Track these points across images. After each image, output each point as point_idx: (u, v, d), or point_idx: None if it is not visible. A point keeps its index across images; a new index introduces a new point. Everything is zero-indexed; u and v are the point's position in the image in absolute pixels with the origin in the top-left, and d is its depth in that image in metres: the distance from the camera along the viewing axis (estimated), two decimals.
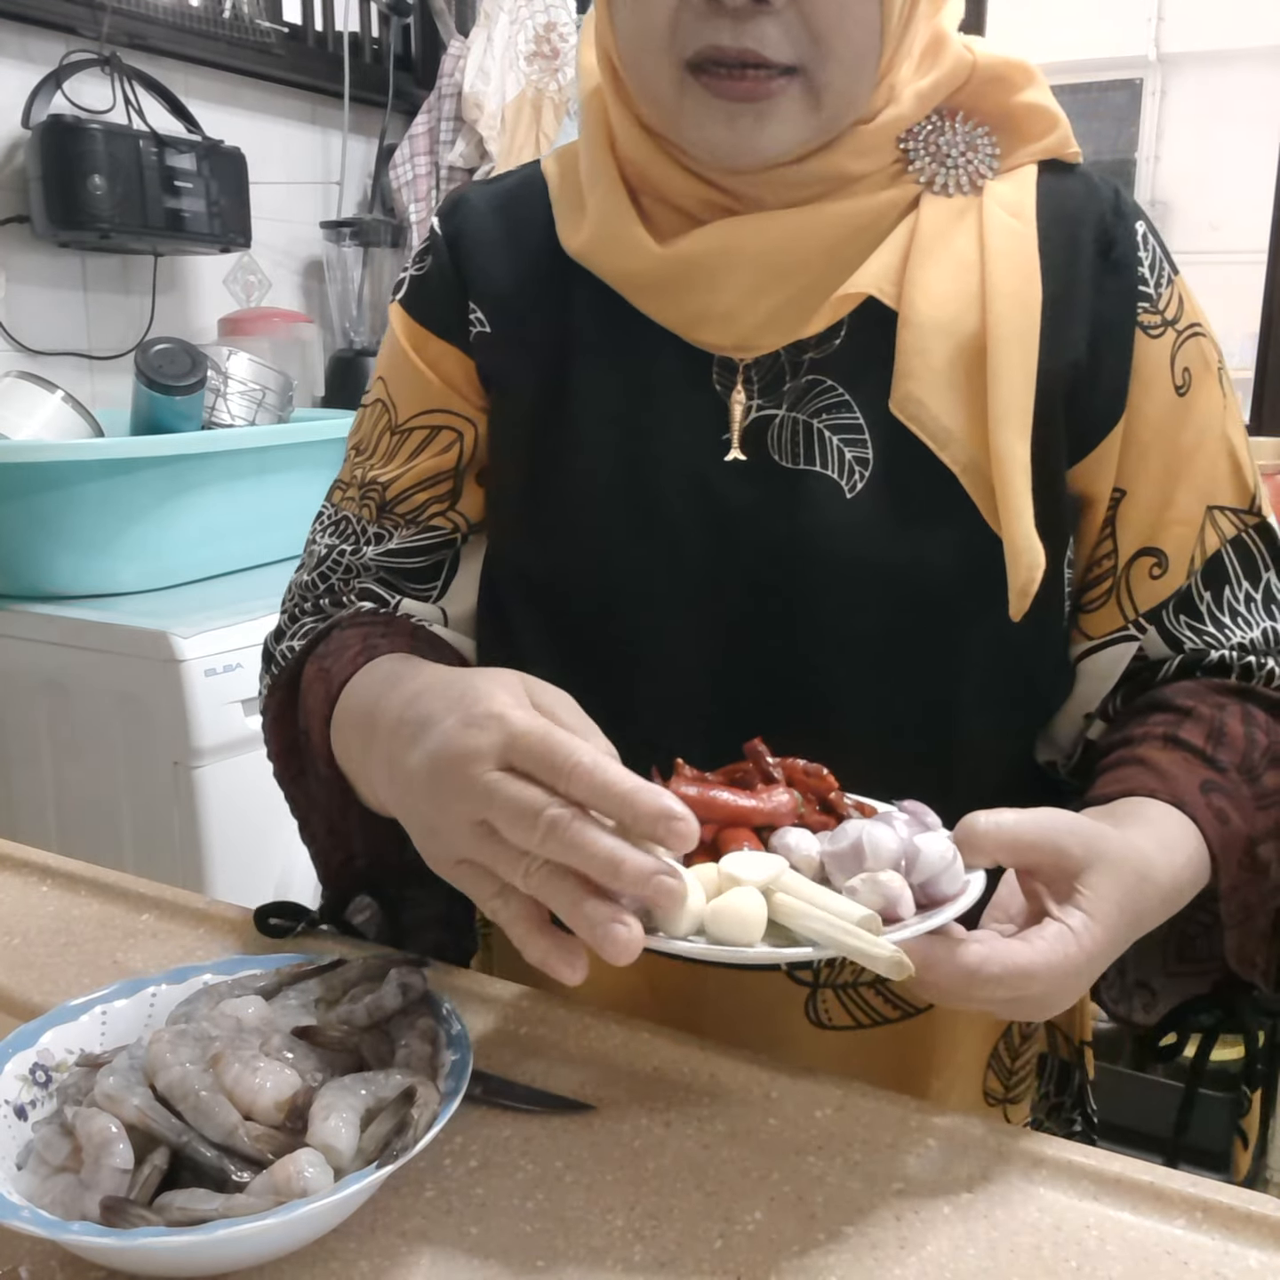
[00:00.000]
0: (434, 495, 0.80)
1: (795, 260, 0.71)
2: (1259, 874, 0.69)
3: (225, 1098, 0.52)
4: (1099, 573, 0.75)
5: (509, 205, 0.80)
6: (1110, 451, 0.72)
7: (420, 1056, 0.56)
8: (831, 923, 0.50)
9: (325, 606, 0.82)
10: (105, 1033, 0.59)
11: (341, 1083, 0.53)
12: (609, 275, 0.74)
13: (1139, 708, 0.75)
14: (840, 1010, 0.76)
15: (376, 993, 0.59)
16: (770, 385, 0.72)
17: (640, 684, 0.73)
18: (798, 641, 0.71)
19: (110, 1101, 0.52)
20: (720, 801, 0.54)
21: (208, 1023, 0.57)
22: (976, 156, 0.73)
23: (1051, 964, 0.53)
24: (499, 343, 0.78)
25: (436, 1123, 0.50)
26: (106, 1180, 0.49)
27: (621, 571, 0.73)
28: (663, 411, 0.73)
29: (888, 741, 0.72)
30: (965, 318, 0.69)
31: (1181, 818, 0.64)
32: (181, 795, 1.55)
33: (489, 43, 2.46)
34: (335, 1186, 0.48)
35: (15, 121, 1.93)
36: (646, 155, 0.72)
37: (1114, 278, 0.72)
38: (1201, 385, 0.73)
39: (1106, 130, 6.31)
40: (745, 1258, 0.51)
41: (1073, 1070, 0.86)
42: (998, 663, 0.72)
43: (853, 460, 0.70)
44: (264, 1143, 0.51)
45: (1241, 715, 0.71)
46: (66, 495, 1.59)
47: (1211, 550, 0.74)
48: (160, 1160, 0.50)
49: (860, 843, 0.52)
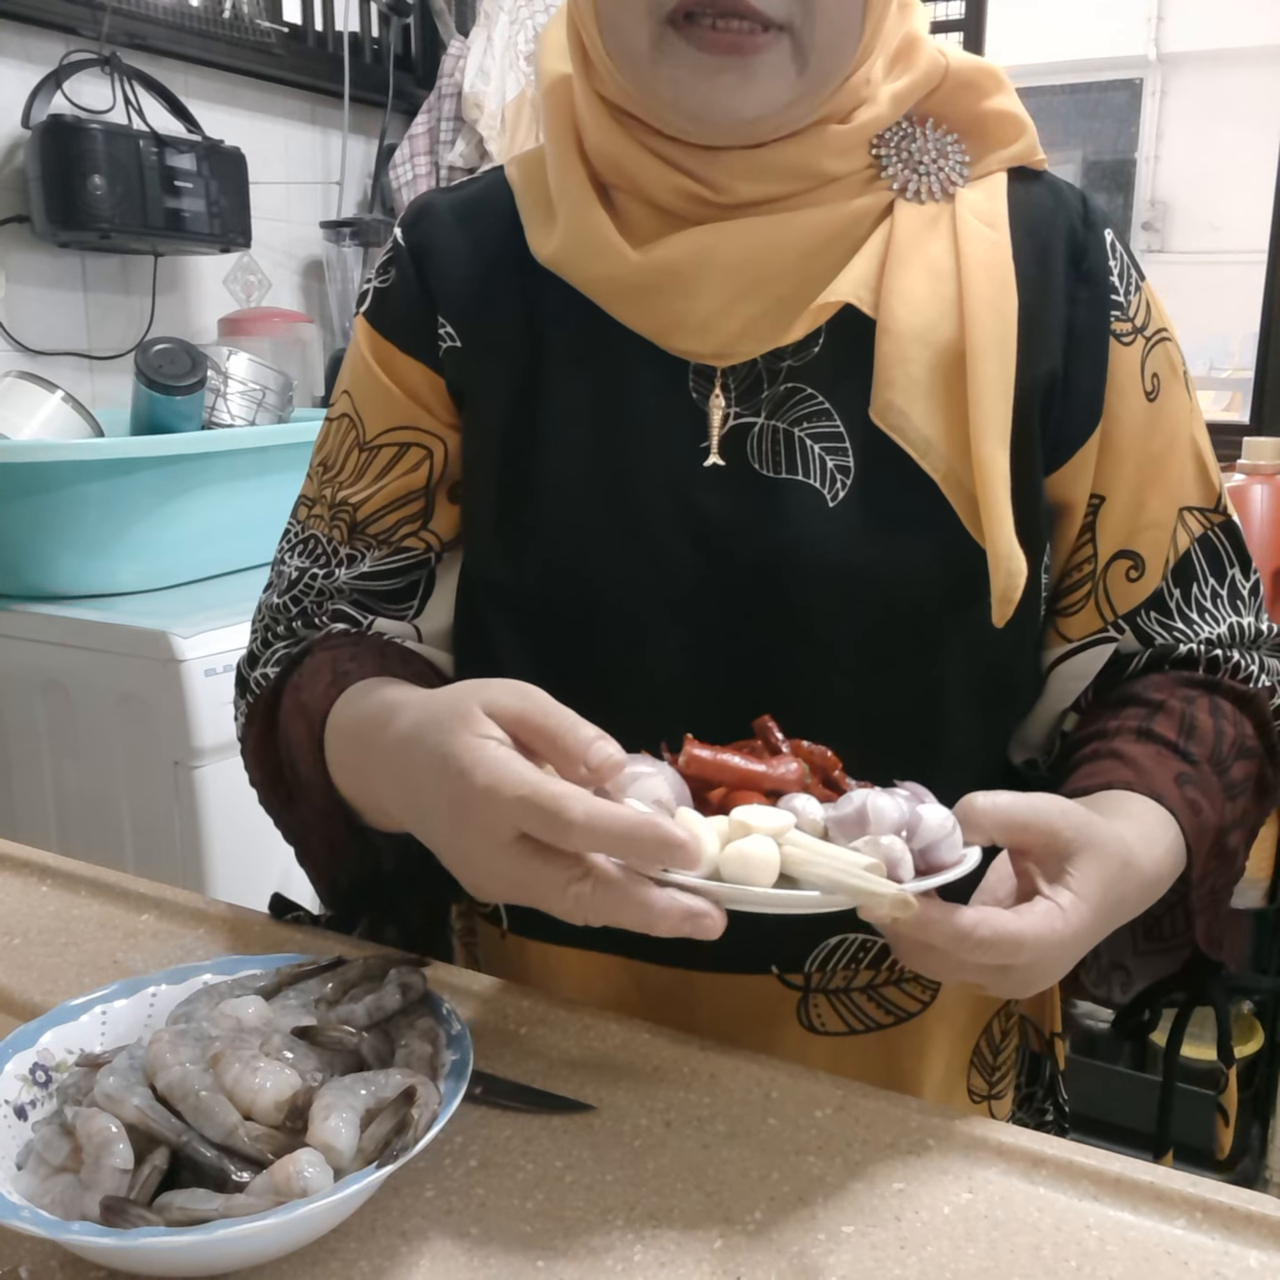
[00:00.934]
0: (405, 515, 0.79)
1: (772, 268, 0.70)
2: (1226, 861, 0.71)
3: (225, 1098, 0.52)
4: (1078, 577, 0.76)
5: (474, 213, 0.78)
6: (1088, 459, 0.73)
7: (420, 1056, 0.56)
8: (838, 867, 0.51)
9: (298, 629, 0.81)
10: (105, 1033, 0.59)
11: (341, 1083, 0.53)
12: (582, 283, 0.73)
13: (1111, 701, 0.76)
14: (833, 1015, 0.76)
15: (376, 993, 0.60)
16: (747, 393, 0.71)
17: (621, 693, 0.73)
18: (780, 649, 0.71)
19: (110, 1101, 0.52)
20: (732, 765, 0.56)
21: (208, 1023, 0.57)
22: (947, 164, 0.73)
23: (1040, 935, 0.55)
24: (470, 356, 0.76)
25: (436, 1123, 0.50)
26: (106, 1180, 0.49)
27: (601, 582, 0.73)
28: (639, 420, 0.72)
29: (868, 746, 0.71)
30: (941, 325, 0.69)
31: (1159, 810, 0.66)
32: (181, 795, 1.55)
33: (489, 43, 2.46)
34: (335, 1186, 0.48)
35: (15, 121, 1.93)
36: (616, 144, 0.71)
37: (1086, 287, 0.73)
38: (1170, 390, 0.74)
39: (1106, 130, 6.30)
40: (745, 1258, 0.51)
41: (1044, 1061, 0.87)
42: (977, 667, 0.73)
43: (834, 469, 0.70)
44: (264, 1143, 0.51)
45: (1209, 708, 0.73)
46: (67, 495, 1.59)
47: (1182, 550, 0.76)
48: (160, 1160, 0.50)
49: (864, 809, 0.54)
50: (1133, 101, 6.24)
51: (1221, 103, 5.85)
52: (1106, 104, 6.28)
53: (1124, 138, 6.29)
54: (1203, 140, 5.99)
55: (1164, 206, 6.21)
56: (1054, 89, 6.09)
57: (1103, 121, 6.31)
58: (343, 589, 0.80)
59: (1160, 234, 6.15)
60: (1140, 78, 6.20)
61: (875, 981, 0.75)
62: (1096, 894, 0.57)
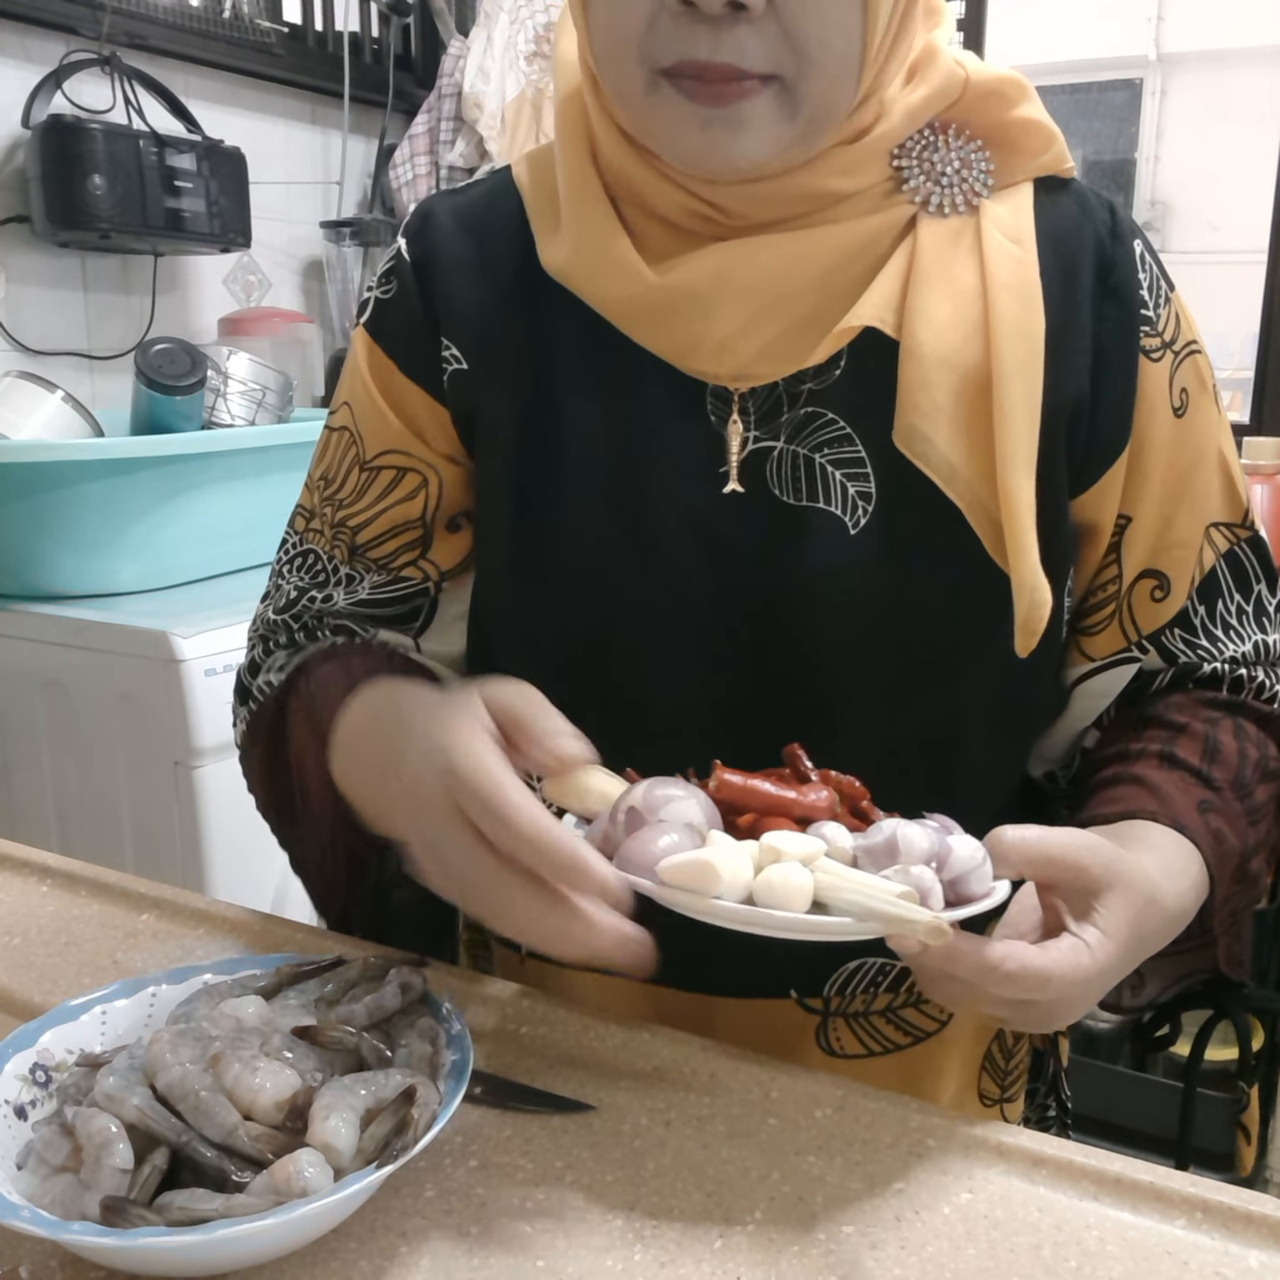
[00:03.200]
0: (405, 543, 0.78)
1: (790, 287, 0.68)
2: (1248, 884, 0.71)
3: (225, 1098, 0.52)
4: (1102, 597, 0.75)
5: (479, 220, 0.76)
6: (1115, 480, 0.72)
7: (420, 1056, 0.56)
8: (871, 894, 0.51)
9: (300, 640, 0.80)
10: (105, 1032, 0.59)
11: (341, 1083, 0.53)
12: (594, 300, 0.70)
13: (1133, 720, 0.75)
14: (852, 1039, 0.75)
15: (377, 993, 0.59)
16: (767, 416, 0.70)
17: (640, 722, 0.71)
18: (800, 676, 0.70)
19: (110, 1101, 0.52)
20: (762, 791, 0.56)
21: (207, 1023, 0.57)
22: (971, 174, 0.70)
23: (1065, 971, 0.54)
24: (477, 379, 0.74)
25: (436, 1123, 0.50)
26: (106, 1180, 0.49)
27: (619, 611, 0.71)
28: (655, 444, 0.70)
29: (889, 770, 0.71)
30: (966, 349, 0.67)
31: (1182, 841, 0.65)
32: (181, 795, 1.55)
33: (489, 43, 2.46)
34: (335, 1187, 0.48)
35: (15, 121, 1.92)
36: (628, 162, 0.69)
37: (1114, 304, 0.71)
38: (1198, 405, 0.73)
39: (1106, 130, 6.29)
40: (745, 1258, 0.51)
41: (1046, 1058, 0.86)
42: (998, 692, 0.72)
43: (856, 495, 0.69)
44: (264, 1142, 0.51)
45: (1233, 729, 0.72)
46: (67, 495, 1.59)
47: (1208, 566, 0.75)
48: (160, 1160, 0.50)
49: (894, 838, 0.53)
50: (1133, 101, 6.24)
51: (1221, 103, 5.85)
52: (1106, 104, 6.28)
53: (1124, 138, 6.29)
54: (1203, 140, 5.99)
55: (1164, 206, 6.21)
56: (1054, 89, 6.08)
57: (1103, 121, 6.31)
58: (341, 613, 0.79)
59: (1160, 234, 6.14)
60: (1140, 78, 6.20)
61: (894, 1004, 0.75)
62: (1123, 931, 0.57)
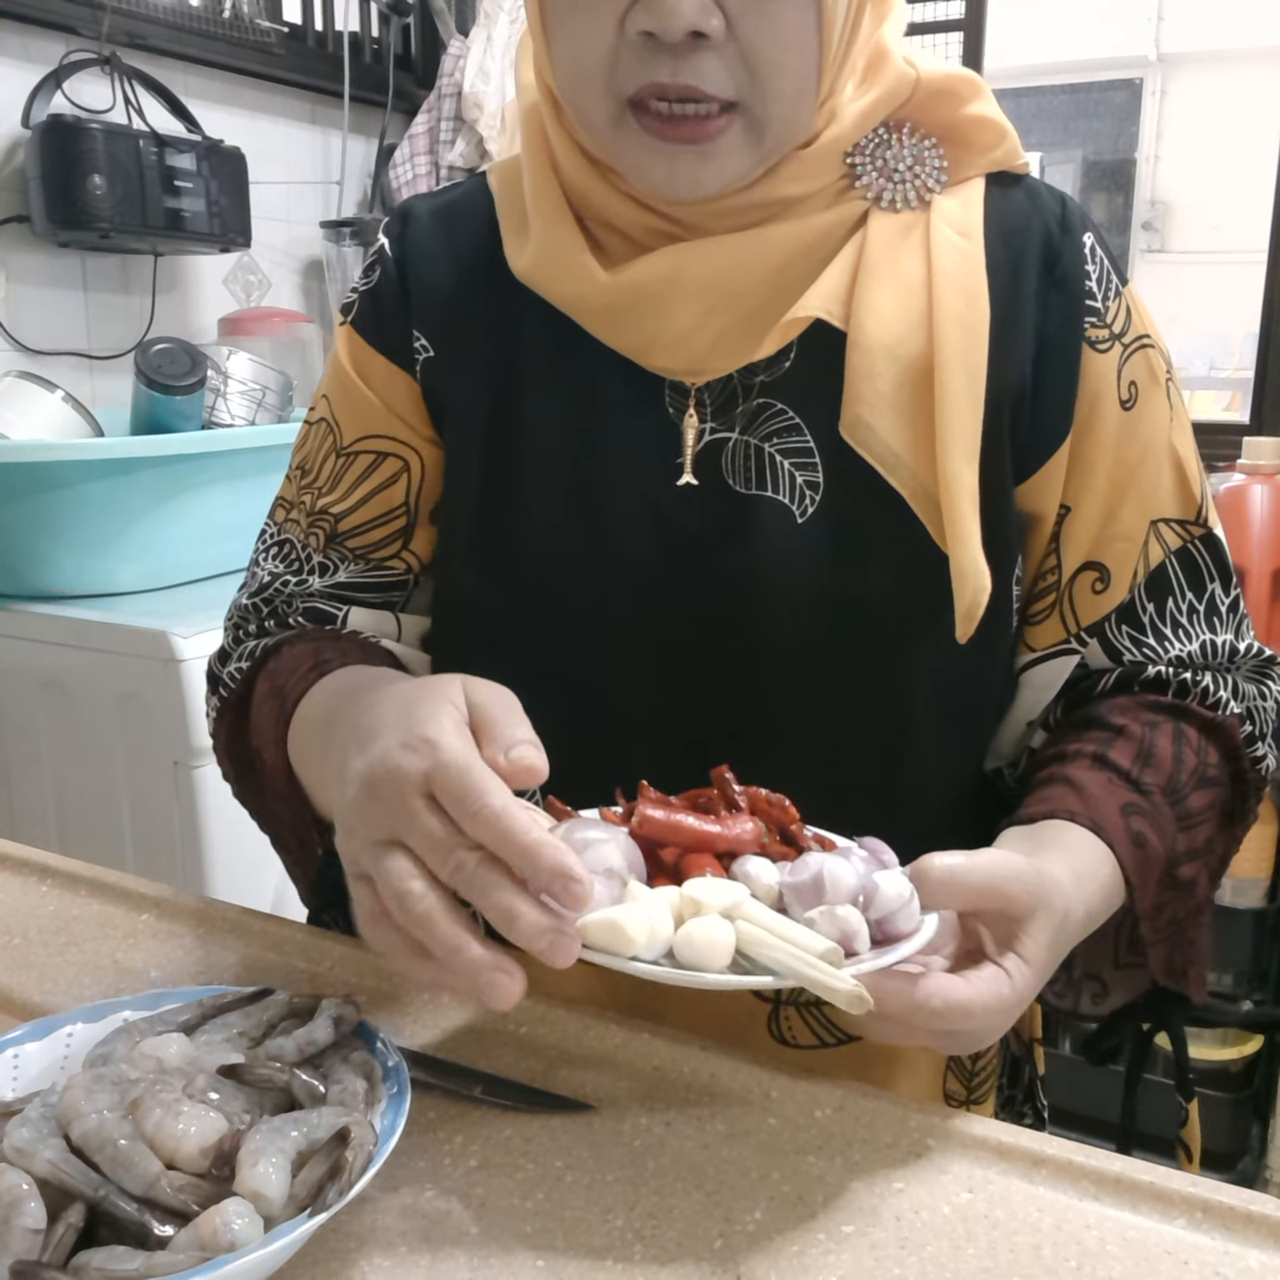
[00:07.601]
0: (388, 533, 0.79)
1: (743, 285, 0.70)
2: (1182, 891, 0.71)
3: (146, 1146, 0.48)
4: (1044, 586, 0.75)
5: (453, 221, 0.78)
6: (1057, 469, 0.72)
7: (354, 1093, 0.53)
8: (794, 954, 0.50)
9: (270, 628, 0.81)
10: (17, 1078, 0.55)
11: (271, 1124, 0.50)
12: (556, 299, 0.73)
13: (1076, 722, 0.75)
14: (804, 1028, 0.75)
15: (308, 1026, 0.56)
16: (722, 408, 0.71)
17: (590, 708, 0.72)
18: (749, 664, 0.71)
19: (20, 1156, 0.48)
20: (686, 826, 0.55)
21: (127, 1064, 0.53)
22: (924, 170, 0.71)
23: (987, 1003, 0.55)
24: (445, 368, 0.76)
25: (373, 1164, 0.48)
26: (17, 1242, 0.45)
27: (573, 597, 0.72)
28: (614, 436, 0.72)
29: (837, 761, 0.71)
30: (911, 340, 0.68)
31: (1097, 843, 0.66)
32: (181, 795, 1.55)
33: (489, 43, 2.46)
34: (265, 1238, 0.45)
35: (15, 121, 1.92)
36: (588, 182, 0.71)
37: (1058, 294, 0.71)
38: (1148, 398, 0.73)
39: (1106, 130, 6.30)
40: (745, 1258, 0.51)
41: (1023, 1065, 0.86)
42: (946, 681, 0.72)
43: (804, 484, 0.70)
44: (188, 1193, 0.47)
45: (1173, 734, 0.72)
46: (67, 495, 1.59)
47: (1155, 563, 0.75)
48: (76, 1217, 0.46)
49: (821, 876, 0.53)
50: (1133, 101, 6.24)
51: (1221, 103, 5.85)
52: (1106, 104, 6.28)
53: (1124, 138, 6.29)
54: (1203, 140, 5.99)
55: (1164, 206, 6.21)
56: (1054, 89, 6.09)
57: (1103, 121, 6.31)
58: (314, 594, 0.80)
59: (1160, 234, 6.14)
60: (1140, 78, 6.20)
61: None
62: (1042, 955, 0.58)
